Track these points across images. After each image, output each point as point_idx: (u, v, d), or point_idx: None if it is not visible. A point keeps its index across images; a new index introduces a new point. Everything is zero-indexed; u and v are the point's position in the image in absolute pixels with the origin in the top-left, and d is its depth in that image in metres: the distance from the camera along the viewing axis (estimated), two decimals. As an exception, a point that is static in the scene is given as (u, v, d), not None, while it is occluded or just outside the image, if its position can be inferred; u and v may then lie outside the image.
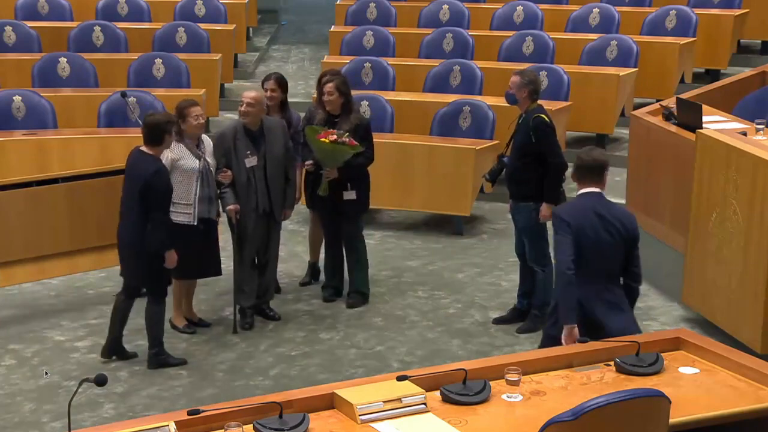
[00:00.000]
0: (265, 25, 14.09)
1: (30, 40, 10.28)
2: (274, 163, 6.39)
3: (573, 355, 4.19)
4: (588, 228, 4.62)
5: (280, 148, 6.41)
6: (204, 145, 6.33)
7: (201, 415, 3.49)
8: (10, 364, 6.07)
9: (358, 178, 6.81)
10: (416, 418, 3.67)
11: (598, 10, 10.86)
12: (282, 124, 6.52)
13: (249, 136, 6.35)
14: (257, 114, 6.34)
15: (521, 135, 6.43)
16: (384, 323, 6.80)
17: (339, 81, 6.73)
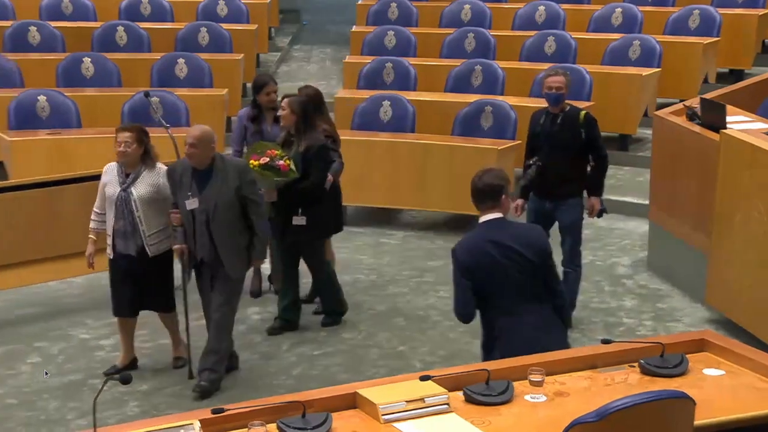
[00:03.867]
0: (286, 25, 14.12)
1: (54, 40, 10.35)
2: (220, 208, 5.50)
3: (597, 356, 4.17)
4: (486, 261, 4.35)
5: (228, 192, 5.52)
6: (143, 174, 5.69)
7: (225, 414, 3.50)
8: (35, 362, 6.12)
9: (310, 203, 6.30)
10: (439, 418, 3.66)
11: (621, 10, 10.81)
12: (240, 166, 5.69)
13: (194, 175, 5.52)
14: (201, 154, 5.48)
15: (567, 133, 6.37)
16: (406, 323, 6.80)
17: (294, 99, 6.34)
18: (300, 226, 6.28)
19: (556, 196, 6.43)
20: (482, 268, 4.36)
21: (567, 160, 6.37)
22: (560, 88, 6.36)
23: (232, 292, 5.66)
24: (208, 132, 5.51)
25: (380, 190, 8.70)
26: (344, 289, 7.30)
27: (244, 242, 5.61)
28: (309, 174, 6.22)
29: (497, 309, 4.39)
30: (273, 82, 7.02)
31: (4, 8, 10.92)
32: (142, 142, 5.64)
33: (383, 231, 8.71)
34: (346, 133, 9.05)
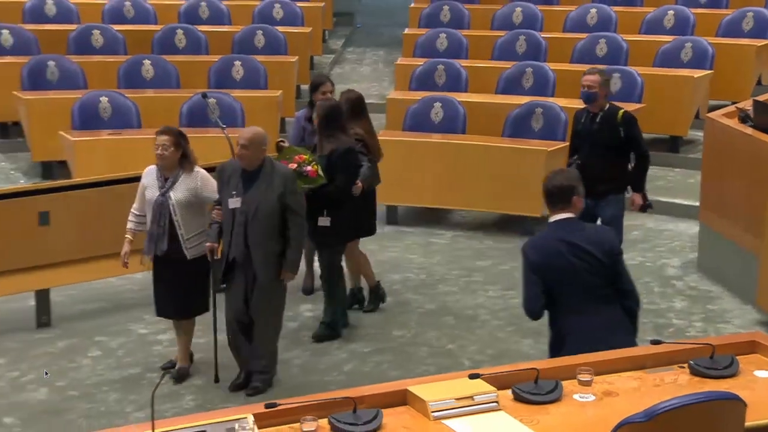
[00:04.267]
0: (340, 27, 14.17)
1: (116, 43, 10.50)
2: (260, 211, 5.45)
3: (646, 357, 4.12)
4: (556, 260, 4.34)
5: (271, 197, 5.47)
6: (181, 178, 5.63)
7: (278, 409, 3.52)
8: (96, 356, 6.21)
9: (335, 206, 6.22)
10: (488, 416, 3.64)
11: (673, 12, 10.68)
12: (287, 174, 5.59)
13: (242, 176, 5.49)
14: (252, 156, 5.45)
15: (606, 131, 6.40)
16: (455, 322, 6.78)
17: (320, 104, 6.35)
18: (324, 227, 6.21)
19: (596, 194, 6.42)
20: (552, 267, 4.35)
21: (606, 158, 6.38)
22: (592, 87, 6.38)
23: (273, 295, 5.58)
24: (260, 134, 5.47)
25: (430, 190, 8.69)
26: (394, 288, 7.33)
27: (278, 249, 5.51)
28: (334, 178, 6.15)
29: (565, 308, 4.38)
30: (329, 82, 6.98)
31: (69, 12, 11.11)
32: (179, 145, 5.60)
33: (433, 231, 8.69)
34: (398, 134, 9.07)
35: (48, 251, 6.45)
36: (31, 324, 6.57)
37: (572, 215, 4.41)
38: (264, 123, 9.12)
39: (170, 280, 5.68)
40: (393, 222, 8.84)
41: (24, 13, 10.93)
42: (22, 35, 10.27)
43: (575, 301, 4.35)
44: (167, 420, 3.49)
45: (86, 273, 6.67)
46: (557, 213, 4.42)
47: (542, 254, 4.38)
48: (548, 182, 4.46)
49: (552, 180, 4.46)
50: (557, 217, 4.42)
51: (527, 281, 4.40)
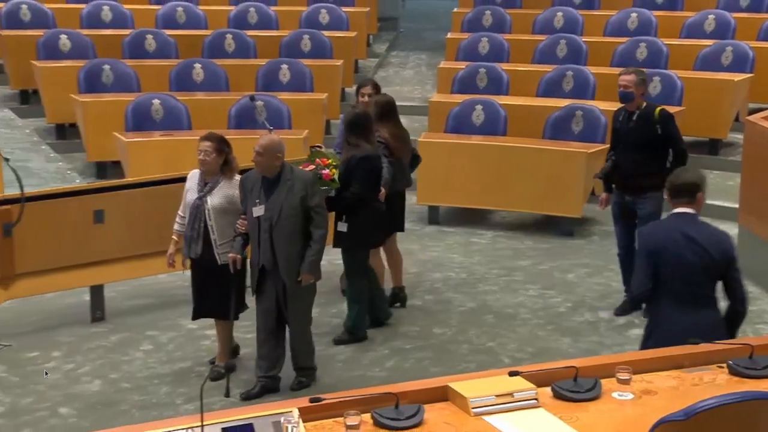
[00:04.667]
0: (384, 32, 14.18)
1: (168, 47, 10.61)
2: (283, 216, 5.40)
3: (684, 356, 4.06)
4: (671, 249, 4.39)
5: (293, 201, 5.41)
6: (220, 184, 5.62)
7: (322, 403, 3.52)
8: (147, 349, 6.27)
9: (353, 211, 6.17)
10: (528, 412, 3.61)
11: (714, 16, 10.55)
12: (307, 178, 5.54)
13: (264, 183, 5.45)
14: (266, 163, 5.40)
15: (643, 129, 6.42)
16: (495, 320, 6.75)
17: (346, 113, 6.37)
18: (342, 232, 6.17)
19: (634, 190, 6.49)
20: (666, 254, 4.41)
21: (643, 155, 6.39)
22: (627, 86, 6.40)
23: (304, 296, 5.56)
24: (275, 142, 5.42)
25: (471, 191, 8.67)
26: (435, 287, 7.33)
27: (304, 253, 5.46)
28: (350, 184, 6.10)
29: (667, 297, 4.42)
30: (370, 85, 6.98)
31: (123, 18, 11.24)
32: (222, 152, 5.58)
33: (474, 231, 8.67)
34: (439, 135, 9.06)
35: (102, 248, 6.53)
36: (85, 318, 6.66)
37: (694, 211, 4.50)
38: (309, 125, 9.22)
39: (205, 283, 5.67)
40: (434, 222, 8.83)
41: (81, 19, 11.08)
42: (79, 40, 10.41)
43: (679, 293, 4.40)
44: (215, 413, 3.51)
45: (138, 270, 6.74)
46: (680, 206, 4.51)
47: (659, 239, 4.46)
48: (677, 178, 4.56)
49: (681, 176, 4.58)
50: (680, 210, 4.50)
51: (640, 265, 4.48)
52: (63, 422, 5.32)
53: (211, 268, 5.62)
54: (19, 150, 9.52)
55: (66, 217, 6.45)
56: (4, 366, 5.96)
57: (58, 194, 6.60)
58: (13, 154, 8.45)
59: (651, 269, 4.43)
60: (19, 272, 6.31)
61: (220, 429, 3.32)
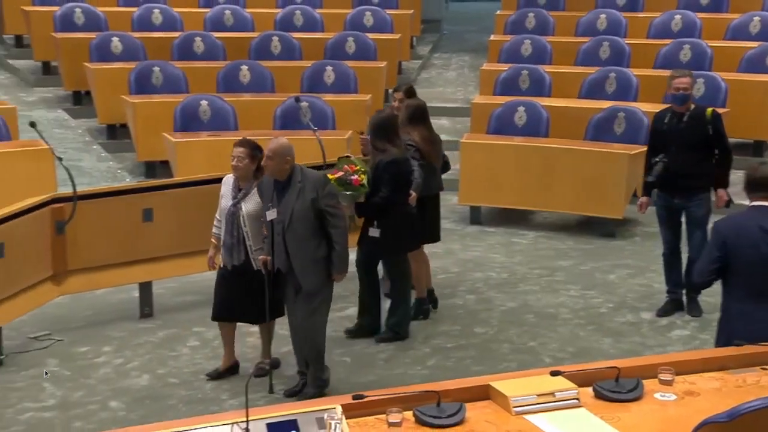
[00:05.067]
0: (428, 34, 14.16)
1: (216, 49, 10.69)
2: (295, 219, 5.29)
3: (728, 358, 4.00)
4: (747, 242, 4.37)
5: (304, 203, 5.30)
6: (254, 190, 5.56)
7: (365, 400, 3.52)
8: (194, 345, 6.32)
9: (385, 217, 6.11)
10: (569, 412, 3.58)
11: (759, 18, 10.39)
12: (317, 179, 5.39)
13: (276, 187, 5.36)
14: (275, 166, 5.29)
15: (695, 129, 6.37)
16: (536, 320, 6.70)
17: (371, 119, 6.28)
18: (374, 237, 6.11)
19: (685, 192, 6.42)
20: (741, 246, 4.39)
21: (695, 156, 6.35)
22: (687, 89, 6.39)
23: (315, 304, 5.38)
24: (284, 145, 5.30)
25: (513, 191, 8.63)
26: (477, 286, 7.29)
27: (320, 254, 5.33)
28: (379, 189, 6.05)
29: (741, 290, 4.40)
30: (402, 90, 6.93)
31: (173, 21, 11.35)
32: (255, 158, 5.55)
33: (515, 231, 8.62)
34: (481, 137, 9.02)
35: (151, 246, 6.59)
36: (134, 314, 6.73)
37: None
38: (353, 126, 9.23)
39: (240, 288, 5.60)
40: (476, 222, 8.80)
41: (132, 22, 11.21)
42: (130, 42, 10.53)
43: (754, 287, 4.36)
44: (260, 408, 3.53)
45: (185, 267, 6.79)
46: (758, 200, 4.49)
47: (735, 230, 4.43)
48: (755, 172, 4.55)
49: (759, 170, 4.54)
50: (757, 203, 4.48)
51: (709, 255, 4.47)
52: (112, 416, 5.38)
53: (247, 273, 5.57)
54: (71, 150, 9.65)
55: (116, 215, 6.52)
56: (57, 360, 6.05)
57: (109, 193, 6.67)
58: (65, 154, 8.57)
59: (719, 262, 4.41)
60: (71, 269, 6.40)
61: (265, 424, 3.33)
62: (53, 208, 6.27)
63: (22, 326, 6.38)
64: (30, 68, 11.66)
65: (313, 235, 5.32)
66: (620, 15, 11.08)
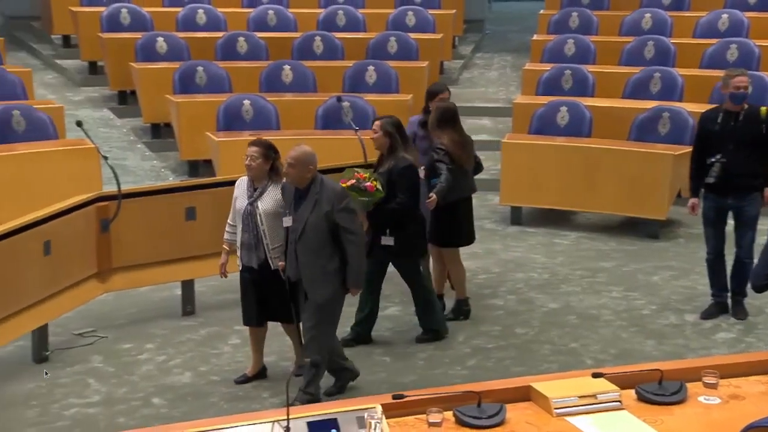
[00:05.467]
0: (470, 34, 14.12)
1: (259, 49, 10.75)
2: (308, 229, 5.20)
3: (773, 362, 3.94)
4: None
5: (318, 214, 5.20)
6: (269, 189, 5.53)
7: (405, 400, 3.52)
8: (235, 343, 6.35)
9: (398, 224, 5.99)
10: (611, 414, 3.55)
11: (809, 16, 10.21)
12: (335, 192, 5.26)
13: (295, 194, 5.29)
14: (297, 174, 5.21)
15: (751, 129, 6.29)
16: (578, 321, 6.65)
17: (387, 121, 6.06)
18: (388, 246, 5.99)
19: (739, 191, 6.33)
20: None
21: (751, 155, 6.27)
22: (746, 87, 6.32)
23: (320, 316, 5.26)
24: (307, 153, 5.22)
25: (555, 192, 8.57)
26: (518, 287, 7.26)
27: (331, 267, 5.22)
28: (395, 195, 5.92)
29: None
30: (447, 90, 6.88)
31: (217, 21, 11.44)
32: (268, 157, 5.49)
33: (557, 231, 8.56)
34: (523, 137, 8.97)
35: (193, 244, 6.64)
36: (177, 312, 6.79)
37: None
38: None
39: (262, 288, 5.56)
40: (517, 222, 8.75)
41: (177, 22, 11.32)
42: (175, 42, 10.63)
43: None
44: (301, 407, 3.54)
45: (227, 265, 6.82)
46: None
47: None
48: None
49: None
50: None
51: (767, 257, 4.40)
52: (155, 412, 5.43)
53: (267, 273, 5.53)
54: (116, 149, 9.77)
55: (159, 214, 6.58)
56: (101, 356, 6.12)
57: (152, 192, 6.74)
58: (111, 153, 8.67)
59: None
60: (116, 266, 6.47)
61: (306, 423, 3.34)
62: (98, 207, 6.35)
63: (67, 323, 6.47)
64: (77, 68, 11.83)
65: (325, 247, 5.22)
66: (665, 14, 10.96)
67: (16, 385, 5.71)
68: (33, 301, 5.89)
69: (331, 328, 5.39)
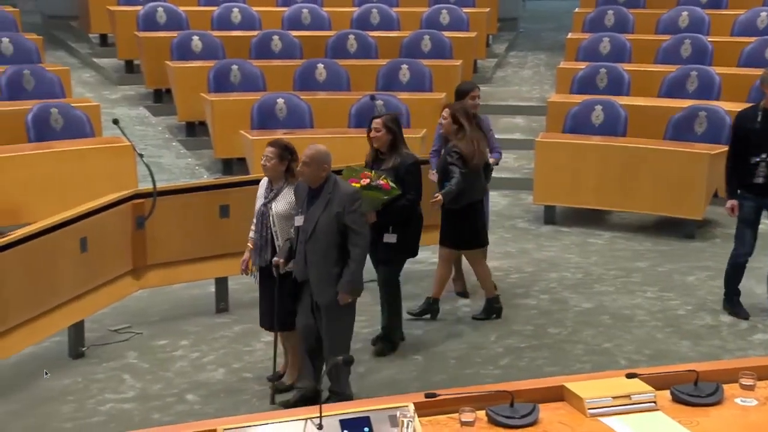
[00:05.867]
0: (504, 32, 14.06)
1: (293, 47, 10.78)
2: (318, 230, 5.14)
3: (812, 365, 3.88)
4: None
5: (329, 215, 5.13)
6: (284, 191, 5.49)
7: (437, 399, 3.51)
8: (268, 341, 6.34)
9: (403, 221, 5.93)
10: (645, 415, 3.52)
11: None
12: (347, 194, 5.17)
13: (309, 193, 5.23)
14: (311, 173, 5.15)
15: None
16: (612, 321, 6.60)
17: (388, 117, 5.97)
18: (389, 243, 5.92)
19: None
20: None
21: None
22: None
23: (336, 315, 5.20)
24: (321, 152, 5.17)
25: (589, 191, 8.51)
26: (551, 287, 7.21)
27: (336, 270, 5.14)
28: (405, 192, 5.85)
29: None
30: (477, 88, 6.81)
31: (252, 19, 11.49)
32: (283, 158, 5.44)
33: (591, 231, 8.50)
34: (557, 135, 8.92)
35: (227, 242, 6.66)
36: (210, 309, 6.83)
37: None
38: (428, 124, 9.21)
39: (272, 292, 5.46)
40: (550, 222, 8.70)
41: (212, 21, 11.39)
42: (210, 41, 10.70)
43: None
44: (333, 405, 3.55)
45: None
46: None
47: None
48: None
49: None
50: None
51: None
52: (189, 408, 5.47)
53: (270, 275, 5.44)
54: (152, 146, 9.85)
55: (194, 211, 6.62)
56: (136, 353, 6.18)
57: (187, 189, 6.78)
58: (146, 151, 8.74)
59: None
60: (150, 263, 6.52)
61: (338, 421, 3.34)
62: (134, 204, 6.40)
63: (103, 319, 6.53)
64: (114, 66, 11.95)
65: (334, 249, 5.15)
66: (703, 12, 10.84)
67: (53, 380, 5.77)
68: (69, 298, 5.95)
69: (349, 328, 5.31)
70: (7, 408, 5.44)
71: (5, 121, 8.46)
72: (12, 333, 5.58)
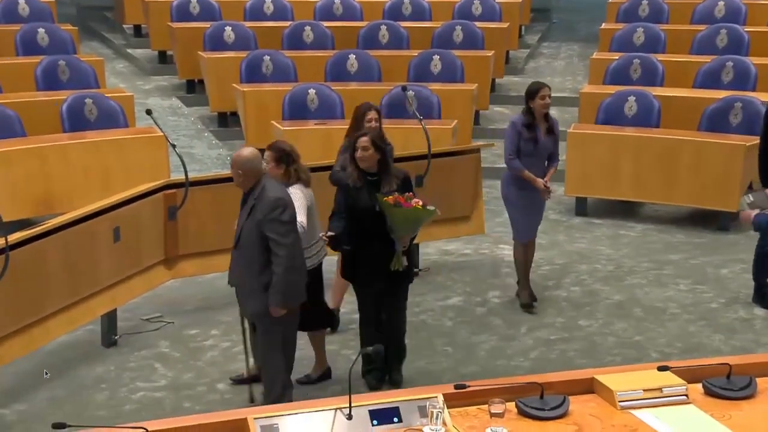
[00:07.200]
0: (536, 23, 13.97)
1: (325, 38, 10.78)
2: (242, 237, 4.96)
3: None
4: None
5: (251, 223, 4.89)
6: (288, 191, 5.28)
7: (467, 390, 3.51)
8: (299, 333, 6.39)
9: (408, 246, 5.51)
10: (677, 408, 3.50)
11: None
12: (269, 202, 4.88)
13: (242, 198, 5.05)
14: (235, 178, 5.00)
15: None
16: (643, 314, 6.55)
17: (374, 135, 5.51)
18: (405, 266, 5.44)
19: None
20: None
21: None
22: None
23: (265, 327, 5.00)
24: (242, 155, 4.99)
25: (622, 183, 8.44)
26: (582, 279, 7.18)
27: (263, 281, 4.88)
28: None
29: None
30: (547, 87, 6.50)
31: (284, 10, 11.51)
32: (280, 162, 5.35)
33: (623, 223, 8.44)
34: (590, 127, 8.85)
35: (258, 231, 6.69)
36: (242, 298, 6.86)
37: None
38: (459, 115, 9.20)
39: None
40: (582, 213, 8.65)
41: (245, 12, 11.42)
42: (242, 32, 10.73)
43: None
44: (362, 395, 3.56)
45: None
46: None
47: None
48: None
49: None
50: None
51: None
52: (220, 397, 5.51)
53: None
54: (184, 137, 9.91)
55: (225, 201, 6.61)
56: (168, 342, 6.23)
57: (219, 180, 6.79)
58: (178, 141, 8.78)
59: None
60: (182, 253, 6.57)
61: (368, 411, 3.36)
62: (166, 194, 6.44)
63: (135, 308, 6.60)
64: (147, 57, 12.03)
65: (258, 259, 4.89)
66: (739, 2, 10.71)
67: (86, 368, 5.84)
68: (102, 287, 6.01)
69: (278, 345, 5.04)
70: (45, 395, 5.52)
71: (40, 111, 8.55)
72: (49, 320, 5.65)
